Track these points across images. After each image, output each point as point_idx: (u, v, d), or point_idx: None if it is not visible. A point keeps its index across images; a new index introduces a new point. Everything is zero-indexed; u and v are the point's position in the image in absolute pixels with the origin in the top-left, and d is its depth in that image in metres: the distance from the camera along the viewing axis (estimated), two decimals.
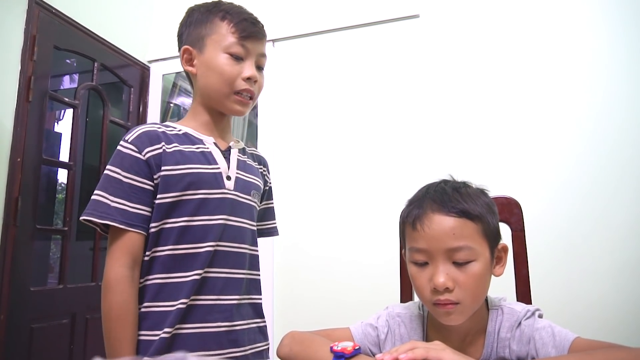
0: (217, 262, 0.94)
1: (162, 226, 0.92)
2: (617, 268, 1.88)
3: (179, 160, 0.94)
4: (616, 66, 2.02)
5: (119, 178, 0.91)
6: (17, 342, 1.95)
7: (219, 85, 0.99)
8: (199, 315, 0.90)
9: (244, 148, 1.11)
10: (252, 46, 1.00)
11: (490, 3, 2.26)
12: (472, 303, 0.71)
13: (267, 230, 1.17)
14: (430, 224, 0.70)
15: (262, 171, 1.14)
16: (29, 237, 2.04)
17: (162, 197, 0.92)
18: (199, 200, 0.94)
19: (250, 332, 0.99)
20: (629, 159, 1.94)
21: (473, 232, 0.71)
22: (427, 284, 0.71)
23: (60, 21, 2.27)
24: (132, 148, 0.92)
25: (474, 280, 0.70)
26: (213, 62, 0.99)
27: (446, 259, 0.70)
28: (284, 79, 2.59)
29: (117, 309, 0.87)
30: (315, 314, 2.25)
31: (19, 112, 2.02)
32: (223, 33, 0.99)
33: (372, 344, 0.82)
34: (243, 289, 0.98)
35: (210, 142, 1.01)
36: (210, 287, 0.92)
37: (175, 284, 0.90)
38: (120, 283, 0.87)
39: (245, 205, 1.01)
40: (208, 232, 0.93)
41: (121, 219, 0.89)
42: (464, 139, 2.20)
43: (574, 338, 0.68)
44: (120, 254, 0.89)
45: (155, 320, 0.89)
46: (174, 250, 0.92)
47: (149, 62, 2.88)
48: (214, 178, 0.96)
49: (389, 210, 2.00)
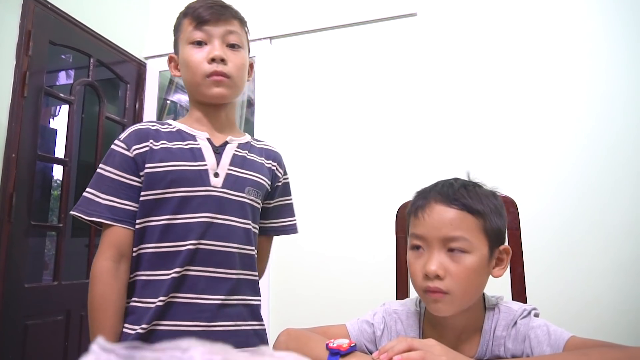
0: (199, 261, 0.93)
1: (147, 223, 0.94)
2: (613, 267, 1.89)
3: (163, 158, 0.95)
4: (614, 66, 2.03)
5: (109, 176, 0.95)
6: (12, 339, 1.94)
7: (191, 75, 1.00)
8: (176, 313, 0.91)
9: (249, 142, 1.08)
10: (212, 28, 1.00)
11: (488, 1, 2.26)
12: (462, 296, 0.71)
13: (282, 228, 1.14)
14: (431, 213, 0.73)
15: (270, 167, 1.09)
16: (24, 233, 2.03)
17: (145, 194, 0.94)
18: (180, 198, 0.94)
19: (240, 334, 0.96)
20: (626, 159, 1.95)
21: (472, 225, 0.72)
22: (420, 270, 0.72)
23: (56, 16, 2.25)
24: (122, 146, 0.97)
25: (466, 272, 0.70)
26: (182, 57, 1.02)
27: (441, 247, 0.72)
28: (281, 77, 2.59)
29: (97, 300, 0.90)
30: (311, 311, 2.25)
31: (13, 107, 2.00)
32: (185, 28, 1.02)
33: (368, 341, 0.82)
34: (230, 289, 0.95)
35: (203, 138, 1.00)
36: (190, 285, 0.92)
37: (158, 281, 0.92)
38: (102, 275, 0.91)
39: (236, 203, 0.98)
40: (190, 230, 0.93)
41: (108, 215, 0.93)
42: (461, 137, 2.20)
43: (569, 337, 0.68)
44: (106, 247, 0.93)
45: (140, 315, 0.91)
46: (157, 248, 0.93)
47: (146, 59, 2.87)
48: (198, 175, 0.95)
49: (385, 207, 2.00)
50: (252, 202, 1.02)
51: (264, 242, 1.13)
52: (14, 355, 1.95)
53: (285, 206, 1.15)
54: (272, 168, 1.10)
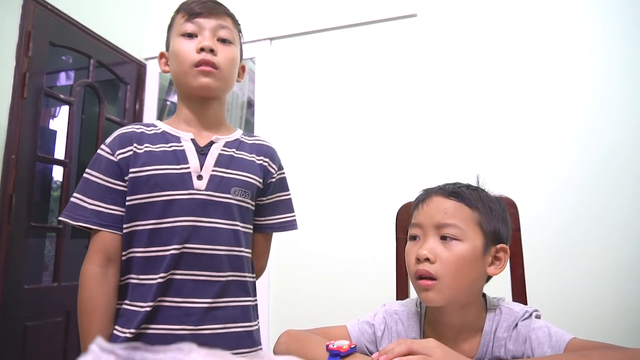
0: (184, 264, 0.92)
1: (134, 228, 0.94)
2: (613, 268, 1.89)
3: (146, 162, 0.95)
4: (614, 66, 2.03)
5: (95, 180, 0.96)
6: (11, 341, 1.94)
7: (179, 65, 0.99)
8: (163, 317, 0.91)
9: (238, 139, 1.06)
10: (203, 20, 1.00)
11: (487, 2, 2.26)
12: (451, 284, 0.71)
13: (279, 224, 1.09)
14: (429, 203, 0.77)
15: (262, 163, 1.06)
16: (24, 234, 2.02)
17: (130, 199, 0.95)
18: (164, 202, 0.93)
19: (229, 336, 0.94)
20: (626, 159, 1.95)
21: (466, 216, 0.74)
22: (413, 256, 0.74)
23: (56, 17, 2.25)
24: (107, 151, 0.98)
25: (456, 259, 0.72)
26: (172, 49, 1.02)
27: (435, 234, 0.74)
28: (281, 78, 2.59)
29: (84, 304, 0.92)
30: (311, 311, 2.25)
31: (13, 108, 2.00)
32: (177, 22, 1.03)
33: (369, 342, 0.82)
34: (218, 292, 0.94)
35: (187, 139, 0.99)
36: (177, 289, 0.92)
37: (146, 285, 0.92)
38: (89, 279, 0.93)
39: (221, 205, 0.96)
40: (174, 234, 0.92)
41: (95, 220, 0.94)
42: (460, 138, 2.20)
43: (570, 339, 0.68)
44: (94, 252, 0.94)
45: (129, 318, 0.92)
46: (145, 253, 0.93)
47: (146, 60, 2.87)
48: (181, 179, 0.94)
49: (385, 208, 2.00)
50: (239, 202, 0.99)
51: (262, 240, 1.10)
52: (13, 357, 1.95)
53: (282, 202, 1.10)
54: (263, 164, 1.06)
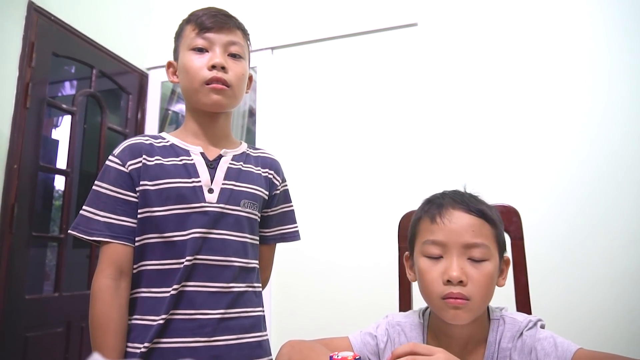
0: (195, 276, 0.92)
1: (146, 241, 0.94)
2: (616, 276, 1.88)
3: (158, 175, 0.95)
4: (617, 73, 2.03)
5: (105, 192, 0.94)
6: (12, 351, 1.92)
7: (190, 82, 0.99)
8: (176, 330, 0.90)
9: (244, 152, 1.07)
10: (214, 36, 0.99)
11: (488, 11, 2.27)
12: (481, 303, 0.71)
13: (283, 235, 1.11)
14: (451, 218, 0.73)
15: (267, 175, 1.08)
16: (25, 244, 2.02)
17: (142, 212, 0.94)
18: (177, 215, 0.93)
19: (243, 347, 0.95)
20: (629, 167, 1.94)
21: (489, 234, 0.73)
22: (439, 277, 0.71)
23: (59, 28, 2.27)
24: (117, 162, 0.96)
25: (487, 279, 0.71)
26: (181, 63, 1.01)
27: (462, 254, 0.71)
28: (283, 87, 2.59)
29: (97, 318, 0.89)
30: (313, 321, 2.23)
31: (16, 118, 2.01)
32: (187, 34, 1.02)
33: (372, 353, 0.81)
34: (230, 302, 0.94)
35: (196, 152, 0.99)
36: (188, 301, 0.91)
37: (158, 298, 0.91)
38: (101, 293, 0.90)
39: (231, 217, 0.97)
40: (186, 246, 0.92)
41: (107, 232, 0.92)
42: (462, 146, 2.20)
43: (576, 349, 0.67)
44: (105, 265, 0.92)
45: (141, 332, 0.90)
46: (156, 265, 0.93)
47: (148, 69, 2.89)
48: (193, 192, 0.95)
49: (387, 217, 1.99)
50: (248, 214, 1.00)
51: (267, 251, 1.11)
52: None
53: (286, 213, 1.13)
54: (269, 177, 1.08)
